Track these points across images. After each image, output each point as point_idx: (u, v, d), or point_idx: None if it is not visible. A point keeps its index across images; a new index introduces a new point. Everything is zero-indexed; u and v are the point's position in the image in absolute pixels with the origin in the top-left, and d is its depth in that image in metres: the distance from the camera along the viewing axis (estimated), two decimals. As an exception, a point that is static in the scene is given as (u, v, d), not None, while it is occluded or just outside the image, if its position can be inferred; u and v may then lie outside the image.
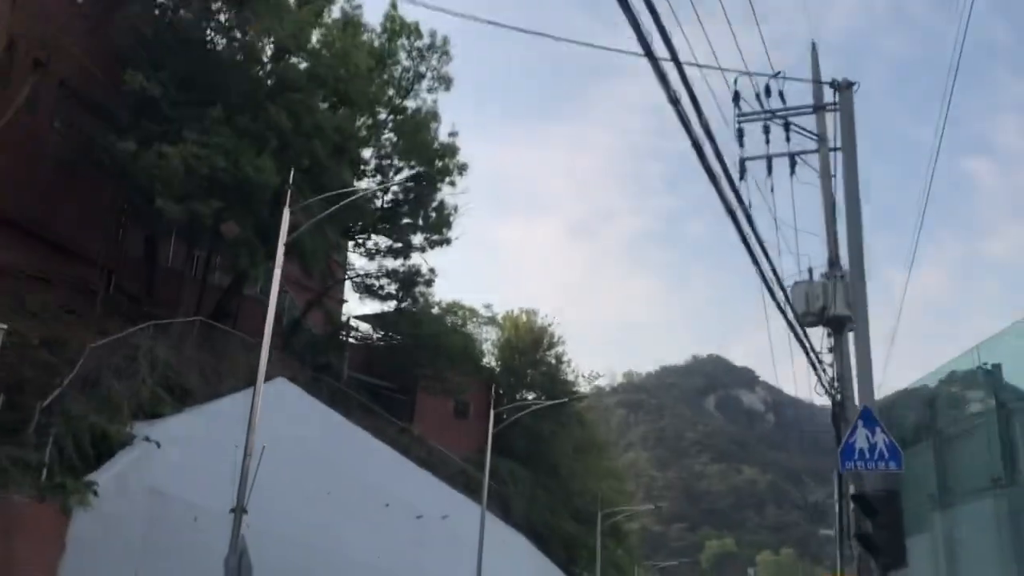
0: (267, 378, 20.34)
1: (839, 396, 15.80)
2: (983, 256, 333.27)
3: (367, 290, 33.56)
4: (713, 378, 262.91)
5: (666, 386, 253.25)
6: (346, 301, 39.35)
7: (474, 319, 43.91)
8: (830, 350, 16.56)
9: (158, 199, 19.88)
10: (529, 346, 42.70)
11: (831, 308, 16.07)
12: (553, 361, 43.61)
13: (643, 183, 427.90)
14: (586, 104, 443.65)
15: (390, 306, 34.32)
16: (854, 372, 16.03)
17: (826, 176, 17.52)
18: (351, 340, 39.15)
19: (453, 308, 34.47)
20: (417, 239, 29.58)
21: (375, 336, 39.76)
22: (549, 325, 43.83)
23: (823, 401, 16.99)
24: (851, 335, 16.14)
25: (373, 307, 36.85)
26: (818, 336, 16.51)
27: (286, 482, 20.31)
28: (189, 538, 15.81)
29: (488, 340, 44.98)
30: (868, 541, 8.30)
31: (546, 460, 44.50)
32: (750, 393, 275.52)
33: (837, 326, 16.19)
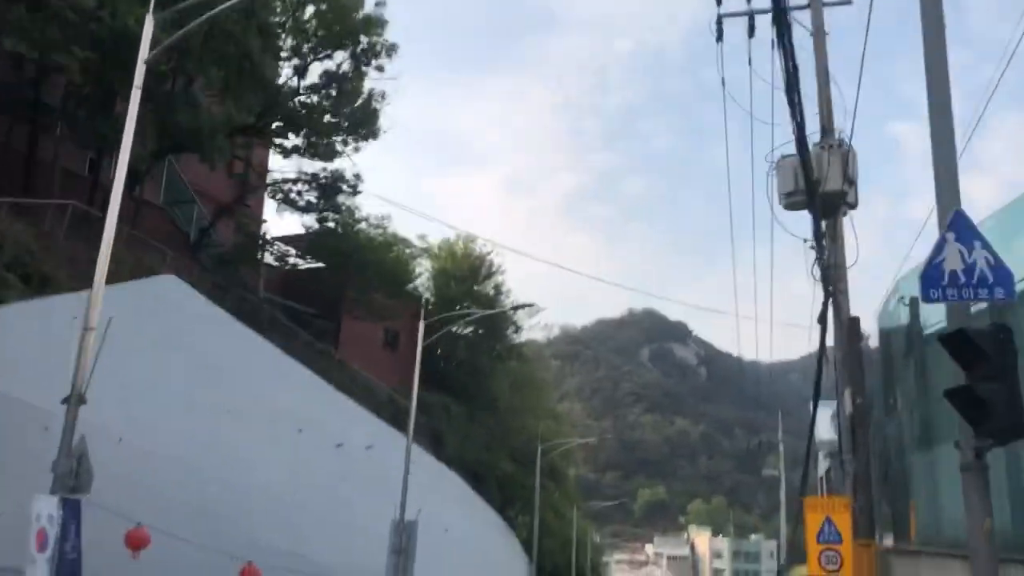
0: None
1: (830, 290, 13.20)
2: (907, 216, 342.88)
3: (286, 200, 29.85)
4: (648, 332, 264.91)
5: (602, 338, 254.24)
6: (265, 221, 35.52)
7: (409, 249, 40.47)
8: (811, 246, 13.83)
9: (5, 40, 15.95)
10: (466, 274, 39.63)
11: (825, 183, 13.31)
12: (491, 292, 40.68)
13: (581, 139, 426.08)
14: (524, 58, 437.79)
15: (311, 220, 30.68)
16: (849, 261, 13.50)
17: (819, 35, 14.86)
18: (270, 261, 35.50)
19: (382, 224, 31.02)
20: (340, 141, 25.92)
21: (296, 259, 36.10)
22: (488, 254, 40.88)
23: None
24: (846, 218, 13.57)
25: (293, 223, 33.22)
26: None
27: (173, 394, 16.96)
28: (38, 446, 12.37)
29: (422, 275, 41.69)
30: (969, 399, 5.41)
31: (483, 396, 41.84)
32: (683, 347, 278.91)
33: (830, 206, 13.43)
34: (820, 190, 13.27)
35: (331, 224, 29.59)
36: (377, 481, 23.67)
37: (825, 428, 25.56)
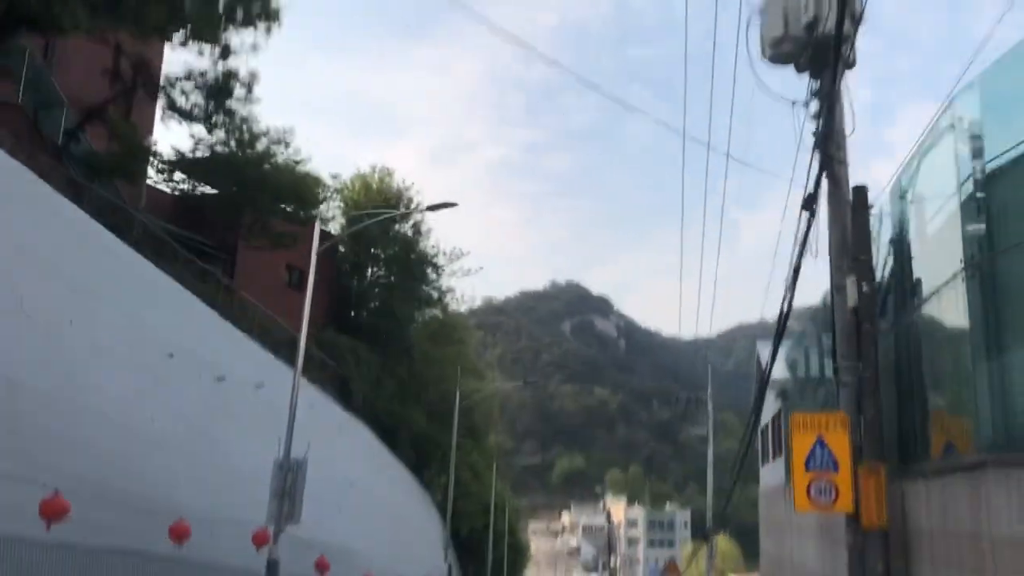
0: None
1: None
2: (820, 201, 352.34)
3: (172, 107, 25.66)
4: (570, 304, 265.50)
5: (524, 309, 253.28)
6: (151, 136, 31.08)
7: (319, 188, 36.50)
8: (806, 102, 11.00)
9: None
10: (381, 205, 35.94)
11: (824, 23, 10.34)
12: (410, 232, 37.25)
13: (504, 113, 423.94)
14: (450, 29, 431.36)
15: (200, 131, 26.55)
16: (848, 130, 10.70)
17: None
18: (160, 186, 31.31)
19: (283, 139, 27.07)
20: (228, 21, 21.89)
21: (189, 184, 31.92)
22: (407, 188, 37.32)
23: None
24: (849, 72, 10.65)
25: (181, 134, 28.92)
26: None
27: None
28: None
29: (334, 215, 37.80)
30: None
31: (398, 344, 38.51)
32: (604, 320, 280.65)
33: (825, 58, 10.43)
34: (817, 33, 10.40)
35: (222, 133, 25.60)
36: (267, 420, 20.23)
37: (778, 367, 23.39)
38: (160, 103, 26.36)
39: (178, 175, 31.68)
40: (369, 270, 36.30)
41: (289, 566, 17.31)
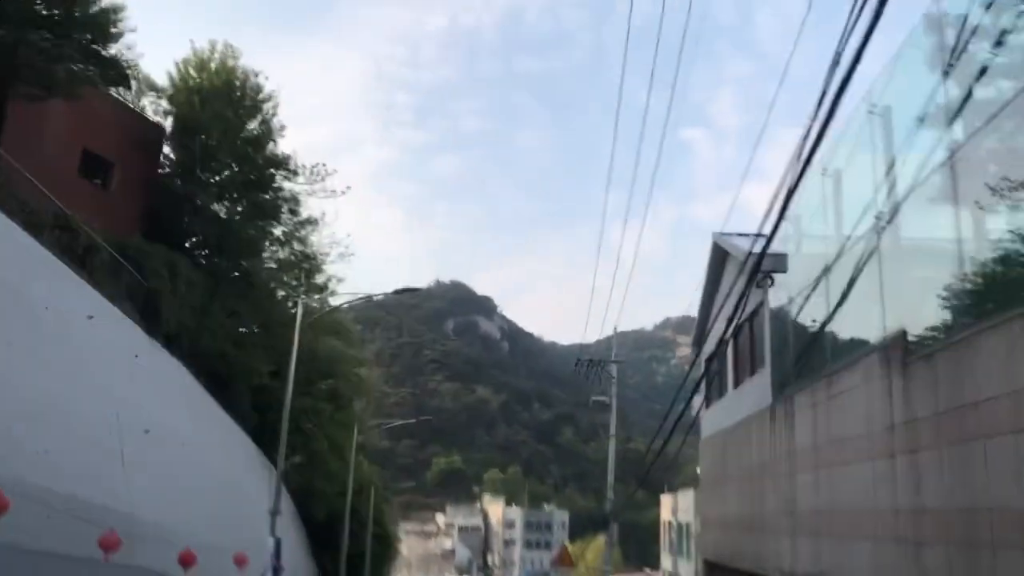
0: None
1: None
2: (692, 219, 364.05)
3: None
4: (454, 303, 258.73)
5: (406, 307, 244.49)
6: None
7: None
8: None
9: None
10: (223, 97, 28.25)
11: None
12: (258, 131, 29.60)
13: (391, 114, 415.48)
14: (339, 25, 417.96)
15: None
16: None
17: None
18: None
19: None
20: None
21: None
22: (257, 75, 29.68)
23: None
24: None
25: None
26: None
27: None
28: None
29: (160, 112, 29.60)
30: None
31: (241, 275, 30.83)
32: (488, 321, 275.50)
33: None
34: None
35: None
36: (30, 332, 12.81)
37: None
38: None
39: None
40: (204, 175, 28.49)
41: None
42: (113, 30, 20.95)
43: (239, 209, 29.78)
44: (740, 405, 16.38)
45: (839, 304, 10.37)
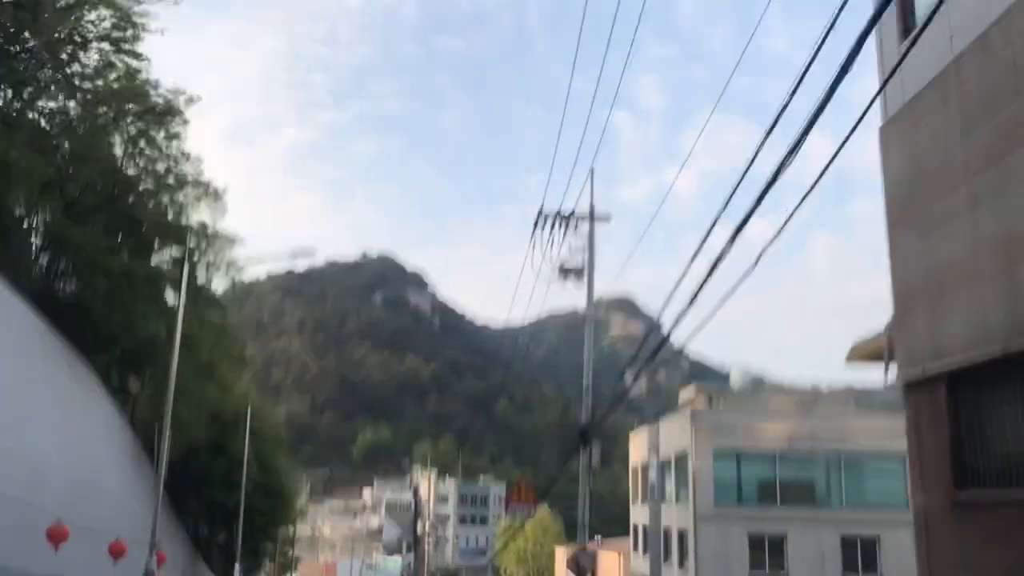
0: None
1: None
2: (617, 200, 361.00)
3: None
4: (382, 277, 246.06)
5: (331, 277, 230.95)
6: None
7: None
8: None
9: None
10: None
11: None
12: None
13: (308, 94, 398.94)
14: (252, 1, 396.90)
15: None
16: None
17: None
18: None
19: None
20: None
21: None
22: None
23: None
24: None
25: None
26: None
27: None
28: None
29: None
30: None
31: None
32: (418, 295, 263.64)
33: None
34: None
35: None
36: None
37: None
38: None
39: None
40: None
41: None
42: None
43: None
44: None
45: None
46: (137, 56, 23.10)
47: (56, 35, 20.57)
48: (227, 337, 30.00)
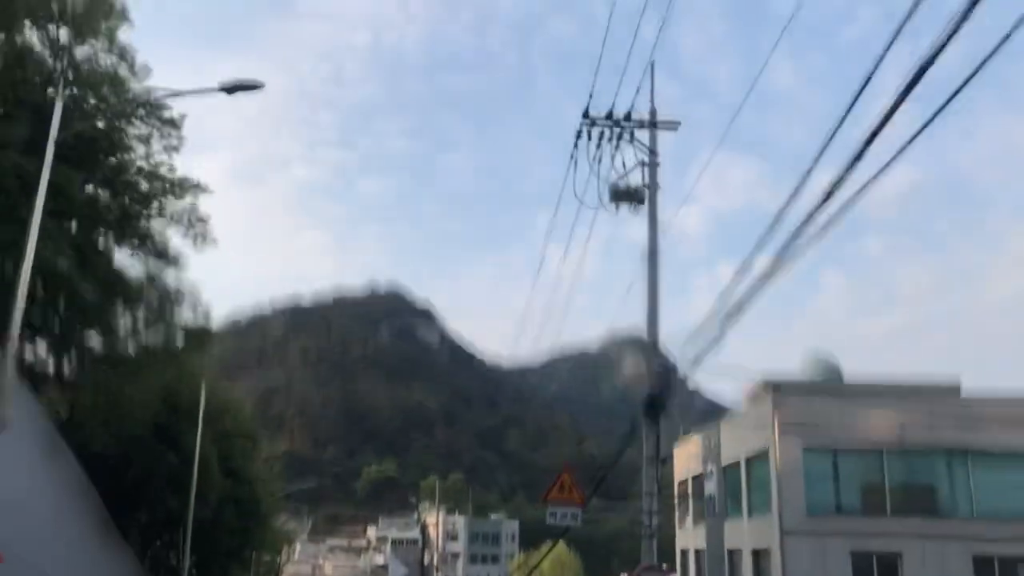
0: None
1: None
2: (624, 237, 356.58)
3: None
4: (390, 310, 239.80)
5: (337, 310, 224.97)
6: None
7: None
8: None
9: None
10: None
11: None
12: None
13: (316, 132, 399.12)
14: (257, 40, 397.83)
15: None
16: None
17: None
18: None
19: None
20: None
21: None
22: None
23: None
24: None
25: None
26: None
27: None
28: None
29: None
30: None
31: None
32: (427, 329, 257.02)
33: None
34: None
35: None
36: None
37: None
38: None
39: None
40: None
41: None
42: None
43: None
44: None
45: None
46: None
47: None
48: (181, 300, 23.68)
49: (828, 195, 6.75)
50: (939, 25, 5.28)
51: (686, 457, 36.04)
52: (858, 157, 6.21)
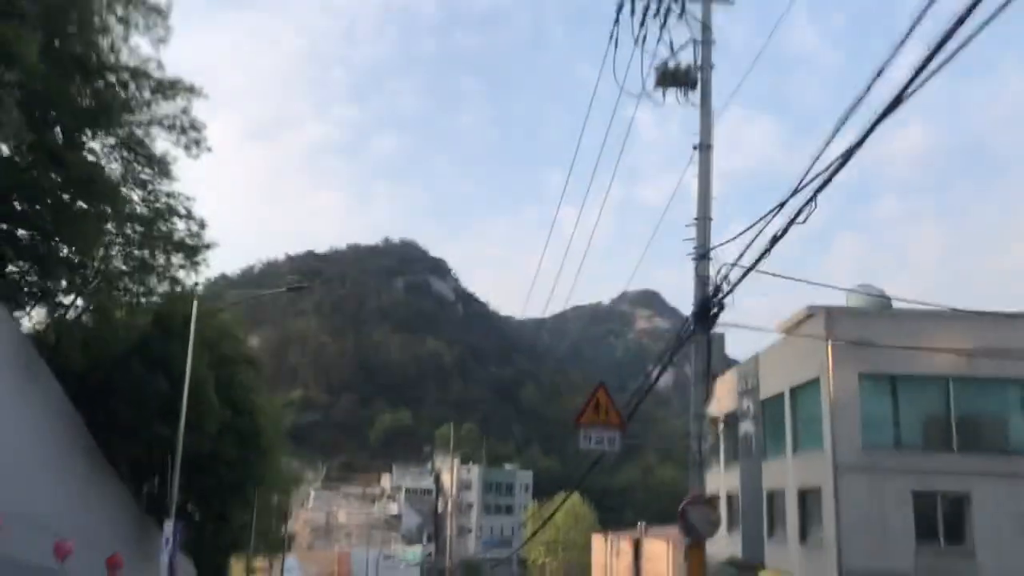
0: None
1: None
2: (637, 199, 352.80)
3: None
4: (404, 262, 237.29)
5: (351, 261, 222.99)
6: None
7: None
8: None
9: None
10: None
11: None
12: None
13: (328, 89, 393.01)
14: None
15: None
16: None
17: None
18: None
19: None
20: None
21: None
22: None
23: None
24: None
25: None
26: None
27: None
28: None
29: None
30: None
31: None
32: (441, 281, 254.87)
33: None
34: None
35: None
36: None
37: None
38: None
39: None
40: None
41: None
42: None
43: None
44: None
45: None
46: None
47: None
48: (177, 204, 21.35)
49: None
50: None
51: (727, 391, 33.91)
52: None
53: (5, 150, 17.69)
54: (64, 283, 20.83)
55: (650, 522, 58.45)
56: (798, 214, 9.21)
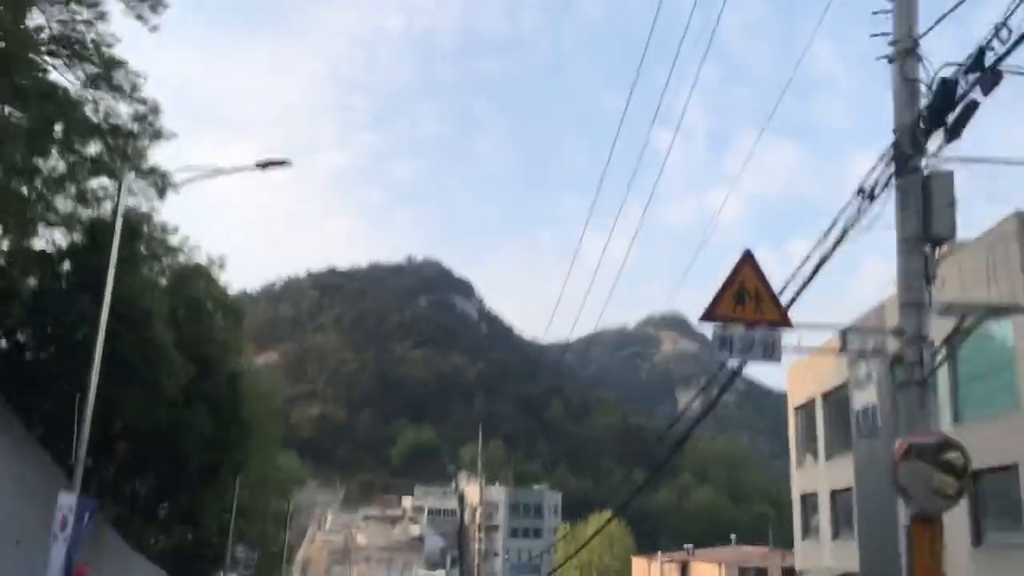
0: None
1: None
2: (659, 221, 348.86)
3: None
4: (427, 281, 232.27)
5: (373, 279, 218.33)
6: None
7: None
8: None
9: None
10: None
11: None
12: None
13: (349, 116, 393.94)
14: (293, 25, 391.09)
15: None
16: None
17: None
18: None
19: None
20: None
21: None
22: None
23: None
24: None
25: None
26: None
27: None
28: None
29: None
30: None
31: None
32: (466, 301, 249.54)
33: None
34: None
35: None
36: None
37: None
38: None
39: None
40: None
41: None
42: None
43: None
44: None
45: None
46: None
47: None
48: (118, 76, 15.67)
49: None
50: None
51: (804, 378, 27.57)
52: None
53: None
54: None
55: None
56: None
